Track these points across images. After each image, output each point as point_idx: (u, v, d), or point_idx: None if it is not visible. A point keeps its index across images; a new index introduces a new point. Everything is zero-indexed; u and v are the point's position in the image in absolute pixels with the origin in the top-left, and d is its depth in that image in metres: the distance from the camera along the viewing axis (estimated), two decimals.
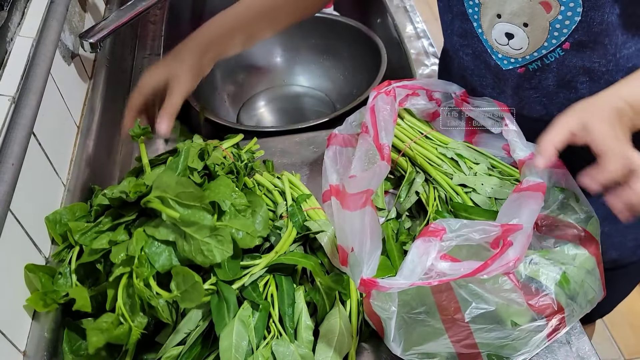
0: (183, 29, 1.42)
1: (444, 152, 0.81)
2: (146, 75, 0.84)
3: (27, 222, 0.68)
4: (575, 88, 0.76)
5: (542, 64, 0.75)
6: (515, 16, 0.72)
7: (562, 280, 0.65)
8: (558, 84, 0.76)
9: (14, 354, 0.62)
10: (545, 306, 0.64)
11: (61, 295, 0.67)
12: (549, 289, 0.65)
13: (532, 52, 0.74)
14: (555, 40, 0.71)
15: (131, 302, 0.64)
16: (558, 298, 0.65)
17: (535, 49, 0.74)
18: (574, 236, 0.69)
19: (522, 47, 0.74)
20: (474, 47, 0.81)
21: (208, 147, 0.82)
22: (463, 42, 0.82)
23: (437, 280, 0.58)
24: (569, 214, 0.70)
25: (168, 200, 0.65)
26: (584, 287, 0.67)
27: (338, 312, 0.67)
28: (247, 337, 0.62)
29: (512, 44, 0.75)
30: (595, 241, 0.69)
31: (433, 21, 1.03)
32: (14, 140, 0.62)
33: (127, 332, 0.63)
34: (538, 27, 0.71)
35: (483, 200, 0.75)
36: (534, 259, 0.66)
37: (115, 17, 1.01)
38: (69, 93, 0.89)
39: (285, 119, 1.33)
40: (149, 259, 0.64)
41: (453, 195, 0.76)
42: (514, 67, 0.78)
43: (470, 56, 0.83)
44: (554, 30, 0.70)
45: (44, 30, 0.77)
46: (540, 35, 0.72)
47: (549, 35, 0.71)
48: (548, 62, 0.74)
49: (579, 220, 0.70)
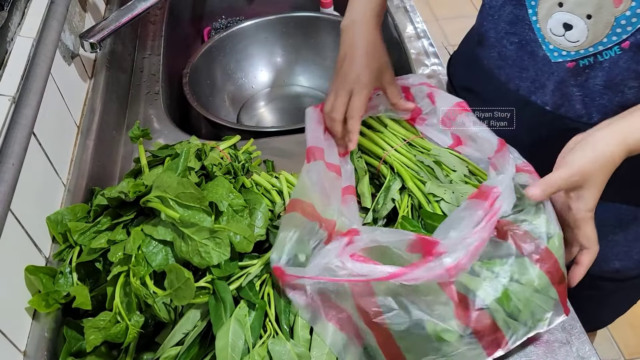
0: (183, 29, 1.42)
1: (422, 160, 0.80)
2: (360, 83, 0.80)
3: (27, 222, 0.68)
4: (622, 92, 0.73)
5: (594, 60, 0.72)
6: (580, 6, 0.68)
7: (503, 297, 0.62)
8: (606, 84, 0.73)
9: (14, 354, 0.62)
10: (478, 322, 0.61)
11: (62, 295, 0.67)
12: (486, 305, 0.62)
13: (588, 46, 0.71)
14: (616, 37, 0.68)
15: (128, 301, 0.64)
16: (495, 315, 0.62)
17: (592, 44, 0.70)
18: (529, 251, 0.64)
19: (580, 40, 0.71)
20: (522, 35, 0.78)
21: (205, 147, 0.82)
22: (510, 30, 0.79)
23: (346, 278, 0.59)
24: (530, 225, 0.66)
25: (168, 201, 0.66)
26: (530, 307, 0.63)
27: None
28: (244, 336, 0.62)
29: (569, 35, 0.71)
30: (553, 259, 0.64)
31: (433, 21, 1.03)
32: (14, 140, 0.62)
33: (124, 331, 0.63)
34: (602, 21, 0.67)
35: (451, 209, 0.74)
36: (476, 269, 0.63)
37: (116, 17, 1.01)
38: (69, 93, 0.89)
39: (285, 119, 1.33)
40: (146, 258, 0.65)
41: (424, 203, 0.76)
42: (563, 61, 0.74)
43: (515, 45, 0.80)
44: (618, 27, 0.67)
45: (44, 30, 0.77)
46: (602, 29, 0.68)
47: (610, 30, 0.68)
48: (602, 59, 0.71)
49: (539, 234, 0.65)
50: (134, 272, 0.63)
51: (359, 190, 0.82)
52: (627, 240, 0.88)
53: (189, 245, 0.64)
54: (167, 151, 0.81)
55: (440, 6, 2.81)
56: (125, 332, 0.64)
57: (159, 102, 1.11)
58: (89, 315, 0.68)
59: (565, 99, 0.78)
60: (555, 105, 0.79)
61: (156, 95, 1.13)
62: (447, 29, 2.84)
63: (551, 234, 0.66)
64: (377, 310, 0.61)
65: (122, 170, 0.98)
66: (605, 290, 0.75)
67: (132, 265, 0.63)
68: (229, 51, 1.32)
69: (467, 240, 0.60)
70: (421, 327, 0.60)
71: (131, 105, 1.11)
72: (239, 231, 0.67)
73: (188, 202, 0.65)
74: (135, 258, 0.64)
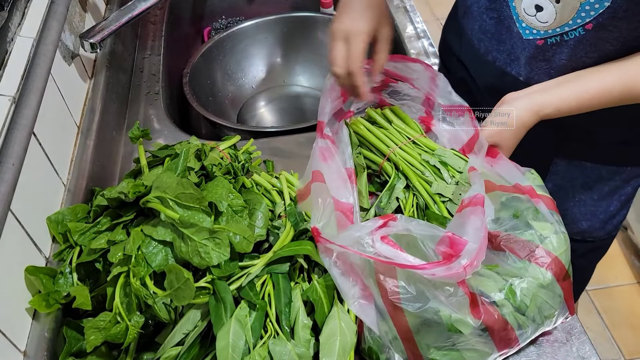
0: (183, 29, 1.42)
1: (427, 159, 0.80)
2: (357, 36, 0.79)
3: (27, 222, 0.68)
4: (584, 63, 0.79)
5: (561, 39, 0.79)
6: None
7: (508, 292, 0.65)
8: (570, 59, 0.80)
9: (14, 354, 0.62)
10: (488, 316, 0.63)
11: (62, 295, 0.67)
12: (493, 299, 0.64)
13: (556, 27, 0.78)
14: (580, 20, 0.75)
15: (128, 301, 0.64)
16: (502, 310, 0.64)
17: (559, 25, 0.77)
18: (526, 254, 0.67)
19: (548, 21, 0.78)
20: (500, 11, 0.84)
21: (205, 147, 0.82)
22: (490, 5, 0.86)
23: (372, 255, 0.62)
24: (523, 230, 0.69)
25: (167, 201, 0.66)
26: (537, 302, 0.65)
27: (337, 313, 0.67)
28: (244, 336, 0.63)
29: (539, 16, 0.78)
30: (552, 256, 0.67)
31: (433, 21, 1.03)
32: (15, 140, 0.62)
33: (124, 331, 0.63)
34: (568, 6, 0.75)
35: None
36: (480, 271, 0.65)
37: (116, 17, 1.01)
38: (69, 93, 0.89)
39: (285, 119, 1.33)
40: (145, 258, 0.65)
41: (430, 203, 0.76)
42: (534, 38, 0.81)
43: (494, 20, 0.86)
44: (582, 11, 0.74)
45: (45, 30, 0.77)
46: (568, 13, 0.75)
47: (575, 14, 0.75)
48: (567, 38, 0.78)
49: (535, 237, 0.68)
50: (133, 272, 0.63)
51: (358, 187, 0.82)
52: (593, 199, 0.95)
53: (188, 245, 0.64)
54: (166, 151, 0.81)
55: (440, 6, 2.82)
56: (125, 332, 0.64)
57: (159, 102, 1.11)
58: (88, 316, 0.68)
59: (535, 72, 0.85)
60: (527, 77, 0.86)
61: (156, 96, 1.13)
62: None
63: (545, 235, 0.68)
64: (395, 290, 0.63)
65: (122, 170, 0.98)
66: (574, 251, 0.78)
67: (132, 266, 0.63)
68: (229, 51, 1.32)
69: (477, 231, 0.63)
70: (436, 314, 0.62)
71: (131, 106, 1.11)
72: (238, 231, 0.67)
73: (187, 202, 0.65)
74: (135, 258, 0.64)
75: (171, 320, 0.66)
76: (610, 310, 1.81)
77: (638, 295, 1.86)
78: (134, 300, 0.64)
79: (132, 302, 0.64)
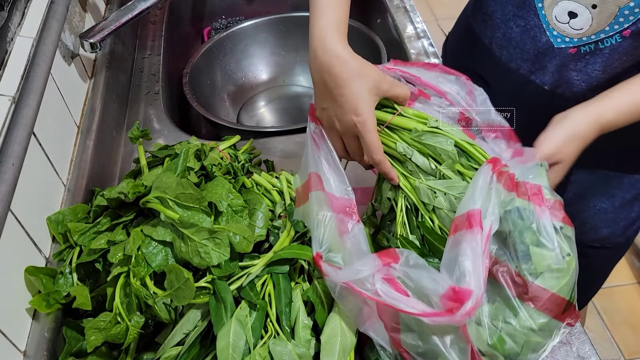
0: (183, 29, 1.42)
1: (404, 149, 0.68)
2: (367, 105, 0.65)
3: (27, 222, 0.68)
4: (617, 74, 0.76)
5: (595, 47, 0.75)
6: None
7: (496, 342, 0.59)
8: (604, 70, 0.76)
9: (14, 354, 0.62)
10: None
11: (63, 295, 0.67)
12: (480, 351, 0.59)
13: (591, 34, 0.74)
14: (617, 25, 0.71)
15: (128, 302, 0.64)
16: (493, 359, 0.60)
17: (594, 32, 0.73)
18: (520, 291, 0.59)
19: (583, 28, 0.74)
20: (527, 19, 0.80)
21: (205, 147, 0.82)
22: (517, 13, 0.82)
23: (373, 296, 0.59)
24: (519, 263, 0.60)
25: (167, 201, 0.66)
26: (530, 346, 0.60)
27: (337, 313, 0.67)
28: (245, 336, 0.62)
29: (573, 23, 0.74)
30: (551, 296, 0.59)
31: (433, 21, 1.03)
32: (15, 140, 0.62)
33: (124, 331, 0.63)
34: (606, 11, 0.70)
35: (449, 216, 0.66)
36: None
37: (116, 17, 1.01)
38: (69, 93, 0.89)
39: (285, 119, 1.33)
40: (145, 258, 0.65)
41: (420, 205, 0.68)
42: (566, 47, 0.77)
43: (520, 28, 0.82)
44: (621, 16, 0.70)
45: (44, 30, 0.77)
46: (605, 19, 0.71)
47: (613, 20, 0.71)
48: (602, 46, 0.74)
49: (529, 271, 0.59)
50: (134, 272, 0.63)
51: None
52: (614, 207, 0.92)
53: (188, 245, 0.64)
54: (166, 151, 0.81)
55: (440, 6, 2.81)
56: (125, 332, 0.64)
57: (158, 102, 1.11)
58: (88, 316, 0.68)
59: (564, 81, 0.81)
60: (553, 86, 0.83)
61: (156, 95, 1.13)
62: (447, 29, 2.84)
63: (544, 266, 0.59)
64: (395, 327, 0.61)
65: (122, 170, 0.98)
66: (592, 257, 0.76)
67: (132, 266, 0.63)
68: (229, 51, 1.32)
69: (478, 273, 0.57)
70: (435, 356, 0.59)
71: (131, 105, 1.11)
72: (238, 231, 0.67)
73: (187, 202, 0.65)
74: (135, 259, 0.64)
75: (171, 320, 0.66)
76: (610, 310, 1.81)
77: (638, 295, 1.86)
78: (134, 300, 0.64)
79: (132, 303, 0.64)
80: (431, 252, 0.67)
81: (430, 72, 0.75)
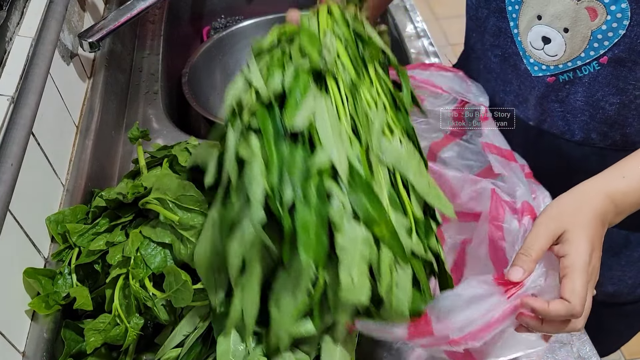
0: (182, 28, 1.42)
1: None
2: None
3: (26, 222, 0.68)
4: (603, 109, 0.71)
5: (574, 76, 0.71)
6: (557, 19, 0.68)
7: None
8: (587, 101, 0.72)
9: (13, 355, 0.62)
10: None
11: (62, 297, 0.67)
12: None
13: (567, 61, 0.70)
14: (593, 52, 0.67)
15: (127, 303, 0.64)
16: None
17: (570, 59, 0.70)
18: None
19: (558, 54, 0.70)
20: (505, 48, 0.77)
21: None
22: (494, 42, 0.78)
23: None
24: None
25: (167, 203, 0.65)
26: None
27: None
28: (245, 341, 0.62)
29: (548, 49, 0.70)
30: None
31: (433, 21, 1.02)
32: (13, 140, 0.62)
33: (124, 333, 0.63)
34: (578, 35, 0.67)
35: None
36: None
37: (115, 16, 1.01)
38: (68, 93, 0.89)
39: None
40: (144, 260, 0.65)
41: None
42: (543, 75, 0.73)
43: (499, 58, 0.79)
44: (595, 41, 0.66)
45: (43, 30, 0.77)
46: (579, 43, 0.67)
47: (588, 45, 0.67)
48: (581, 75, 0.70)
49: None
50: (132, 274, 0.63)
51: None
52: (620, 265, 0.86)
53: (188, 247, 0.64)
54: (164, 152, 0.81)
55: (440, 5, 2.81)
56: (124, 334, 0.63)
57: (158, 102, 1.10)
58: (88, 316, 0.68)
59: (547, 115, 0.77)
60: (537, 121, 0.79)
61: (155, 95, 1.12)
62: (447, 28, 2.84)
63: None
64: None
65: (121, 170, 0.97)
66: (603, 315, 0.73)
67: (130, 268, 0.63)
68: (229, 51, 1.32)
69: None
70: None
71: (130, 105, 1.11)
72: None
73: (188, 204, 0.65)
74: (134, 260, 0.64)
75: (171, 321, 0.65)
76: None
77: None
78: (133, 302, 0.64)
79: (132, 304, 0.64)
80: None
81: (425, 72, 0.74)
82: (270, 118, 0.54)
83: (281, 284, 0.52)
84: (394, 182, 0.55)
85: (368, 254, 0.51)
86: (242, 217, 0.52)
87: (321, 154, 0.51)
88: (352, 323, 0.54)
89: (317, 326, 0.54)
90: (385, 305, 0.52)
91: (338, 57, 0.58)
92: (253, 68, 0.58)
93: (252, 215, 0.50)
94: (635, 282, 0.88)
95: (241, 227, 0.52)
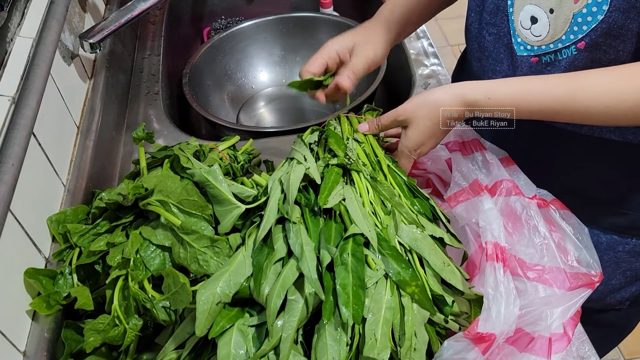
0: (183, 29, 1.42)
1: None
2: (330, 41, 0.85)
3: (27, 222, 0.68)
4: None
5: (554, 58, 0.73)
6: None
7: None
8: None
9: (14, 354, 0.62)
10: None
11: (63, 296, 0.67)
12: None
13: (549, 42, 0.72)
14: (573, 35, 0.69)
15: (126, 304, 0.64)
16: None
17: (552, 40, 0.72)
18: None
19: (542, 34, 0.72)
20: (500, 26, 0.79)
21: (204, 148, 0.82)
22: (490, 20, 0.80)
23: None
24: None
25: (169, 205, 0.65)
26: None
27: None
28: (245, 346, 0.62)
29: (534, 29, 0.73)
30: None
31: (433, 21, 1.02)
32: (14, 140, 0.62)
33: (122, 334, 0.63)
34: (562, 16, 0.69)
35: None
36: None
37: (115, 17, 1.01)
38: (69, 93, 0.89)
39: (285, 119, 1.33)
40: (144, 261, 0.65)
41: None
42: (528, 55, 0.76)
43: (493, 36, 0.80)
44: (575, 24, 0.68)
45: (44, 30, 0.77)
46: (561, 25, 0.70)
47: (568, 28, 0.69)
48: (560, 58, 0.72)
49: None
50: (132, 276, 0.63)
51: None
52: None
53: (187, 251, 0.64)
54: (165, 152, 0.81)
55: None
56: (123, 335, 0.64)
57: (158, 103, 1.11)
58: (88, 316, 0.68)
59: None
60: None
61: (156, 96, 1.13)
62: (447, 29, 2.84)
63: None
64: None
65: (122, 171, 0.98)
66: (589, 324, 0.73)
67: (130, 269, 0.63)
68: (229, 51, 1.32)
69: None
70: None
71: (131, 106, 1.11)
72: (238, 242, 0.67)
73: (190, 209, 0.65)
74: (134, 262, 0.64)
75: (171, 322, 0.66)
76: None
77: None
78: (132, 303, 0.64)
79: (131, 305, 0.64)
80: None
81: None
82: (305, 197, 0.67)
83: (321, 334, 0.58)
84: (411, 258, 0.64)
85: (391, 316, 0.58)
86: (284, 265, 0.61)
87: (354, 226, 0.62)
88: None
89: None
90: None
91: (358, 157, 0.73)
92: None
93: (305, 268, 0.59)
94: (605, 289, 0.88)
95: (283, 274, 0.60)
